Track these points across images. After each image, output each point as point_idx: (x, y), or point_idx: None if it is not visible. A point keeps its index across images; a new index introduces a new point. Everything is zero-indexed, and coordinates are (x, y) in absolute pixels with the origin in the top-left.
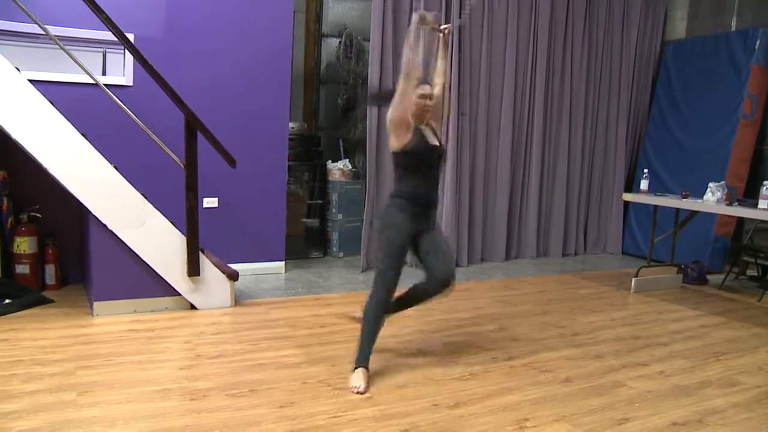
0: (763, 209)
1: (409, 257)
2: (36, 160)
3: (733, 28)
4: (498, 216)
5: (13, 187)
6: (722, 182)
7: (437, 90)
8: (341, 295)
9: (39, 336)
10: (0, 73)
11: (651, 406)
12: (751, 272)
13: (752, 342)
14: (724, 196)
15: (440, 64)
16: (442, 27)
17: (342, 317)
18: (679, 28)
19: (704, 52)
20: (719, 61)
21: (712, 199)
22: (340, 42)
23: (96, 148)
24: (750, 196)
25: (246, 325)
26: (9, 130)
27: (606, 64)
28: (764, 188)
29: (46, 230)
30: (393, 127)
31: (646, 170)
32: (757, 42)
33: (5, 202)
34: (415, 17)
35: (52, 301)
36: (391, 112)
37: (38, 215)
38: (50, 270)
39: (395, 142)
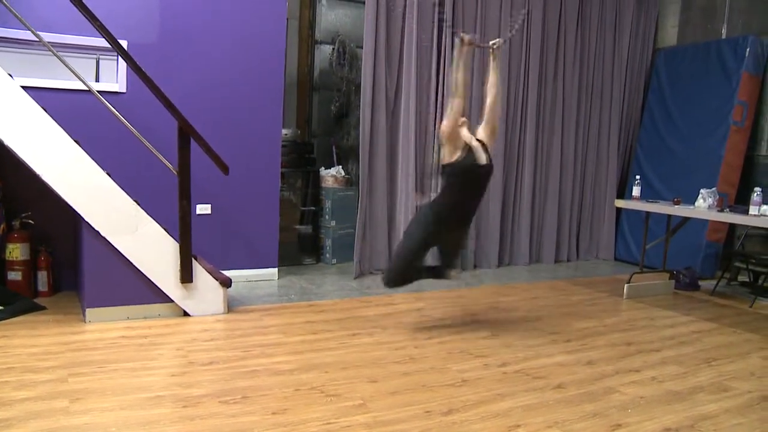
0: (754, 215)
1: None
2: (29, 166)
3: (724, 36)
4: (491, 222)
5: (5, 193)
6: (713, 188)
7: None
8: (334, 302)
9: (31, 343)
10: None
11: (643, 411)
12: (743, 278)
13: (744, 347)
14: (715, 203)
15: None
16: (490, 43)
17: (335, 323)
18: (670, 35)
19: (695, 59)
20: (710, 68)
21: (704, 206)
22: (333, 49)
23: (89, 155)
24: (741, 203)
25: (239, 332)
26: (2, 137)
27: (598, 71)
28: (755, 194)
29: (38, 237)
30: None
31: (638, 177)
32: (747, 49)
33: None
34: (457, 41)
35: (44, 308)
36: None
37: (31, 221)
38: (42, 277)
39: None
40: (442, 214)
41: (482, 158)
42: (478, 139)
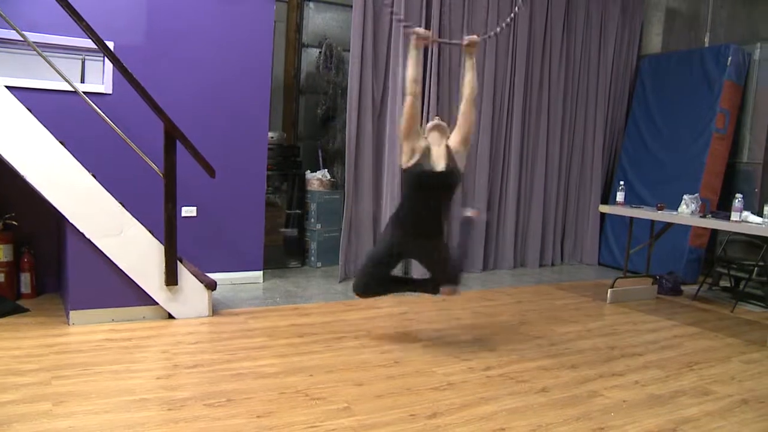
0: (736, 221)
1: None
2: (13, 167)
3: (706, 44)
4: (476, 227)
5: None
6: (696, 195)
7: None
8: (319, 305)
9: (14, 345)
10: None
11: (626, 415)
12: (724, 283)
13: (725, 352)
14: (698, 209)
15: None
16: (465, 39)
17: (320, 326)
18: (654, 43)
19: (679, 67)
20: (693, 75)
21: (687, 211)
22: (320, 52)
23: (74, 156)
24: (723, 209)
25: (224, 335)
26: None
27: (583, 77)
28: (736, 201)
29: (22, 238)
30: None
31: (622, 182)
32: (729, 58)
33: None
34: (412, 37)
35: (27, 310)
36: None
37: (14, 222)
38: (26, 278)
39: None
40: (401, 222)
41: (438, 165)
42: (447, 145)
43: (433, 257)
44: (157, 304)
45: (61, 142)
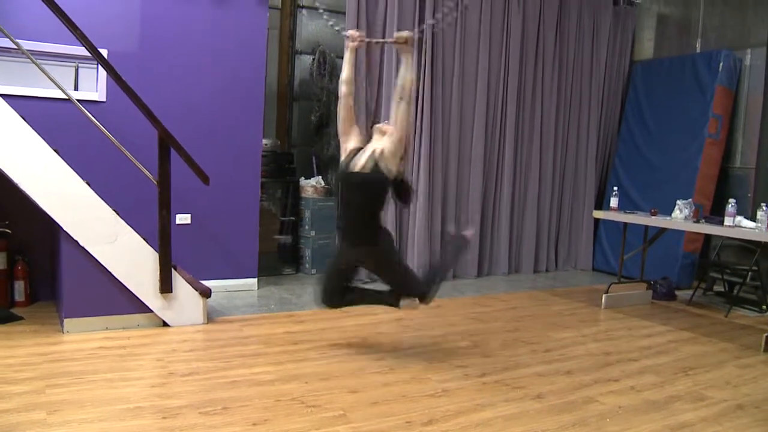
0: (729, 226)
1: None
2: (6, 175)
3: (698, 50)
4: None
5: None
6: (690, 200)
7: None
8: (314, 312)
9: (7, 354)
10: None
11: (622, 421)
12: (718, 288)
13: (719, 357)
14: (691, 214)
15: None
16: (395, 36)
17: (315, 333)
18: (646, 48)
19: (671, 73)
20: (685, 81)
21: (680, 217)
22: (313, 59)
23: (68, 164)
24: (716, 214)
25: (219, 343)
26: None
27: (576, 82)
28: (730, 205)
29: (16, 246)
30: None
31: (615, 188)
32: (720, 64)
33: None
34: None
35: (21, 318)
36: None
37: (8, 231)
38: (19, 286)
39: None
40: (339, 229)
41: (359, 166)
42: (382, 147)
43: (383, 268)
44: (152, 311)
45: (54, 150)
